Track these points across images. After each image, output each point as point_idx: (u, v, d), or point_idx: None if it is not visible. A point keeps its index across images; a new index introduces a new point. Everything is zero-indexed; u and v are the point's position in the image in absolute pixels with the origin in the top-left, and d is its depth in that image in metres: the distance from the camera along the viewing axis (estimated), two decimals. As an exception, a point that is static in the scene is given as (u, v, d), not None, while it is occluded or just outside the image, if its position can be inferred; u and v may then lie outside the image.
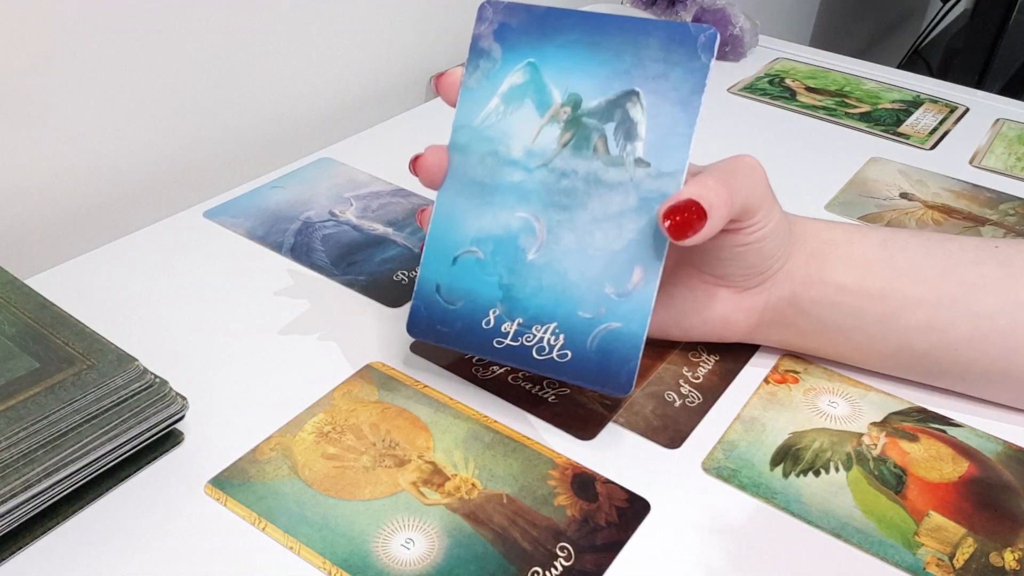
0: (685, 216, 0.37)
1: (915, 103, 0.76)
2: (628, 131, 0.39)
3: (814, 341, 0.44)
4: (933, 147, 0.69)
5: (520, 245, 0.40)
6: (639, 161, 0.39)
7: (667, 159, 0.38)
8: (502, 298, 0.40)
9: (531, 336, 0.40)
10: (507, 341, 0.40)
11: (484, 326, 0.41)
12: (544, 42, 0.40)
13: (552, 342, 0.39)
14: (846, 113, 0.73)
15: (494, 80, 0.41)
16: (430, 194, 0.59)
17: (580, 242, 0.39)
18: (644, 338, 0.38)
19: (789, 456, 0.41)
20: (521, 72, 0.41)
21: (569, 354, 0.39)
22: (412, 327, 0.42)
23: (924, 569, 0.36)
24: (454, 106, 0.42)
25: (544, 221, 0.40)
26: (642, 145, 0.39)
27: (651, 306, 0.38)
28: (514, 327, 0.40)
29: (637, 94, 0.39)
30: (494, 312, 0.40)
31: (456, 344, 0.41)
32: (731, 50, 0.85)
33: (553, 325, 0.40)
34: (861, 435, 0.42)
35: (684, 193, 0.37)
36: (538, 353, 0.40)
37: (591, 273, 0.39)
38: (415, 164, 0.42)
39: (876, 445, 0.42)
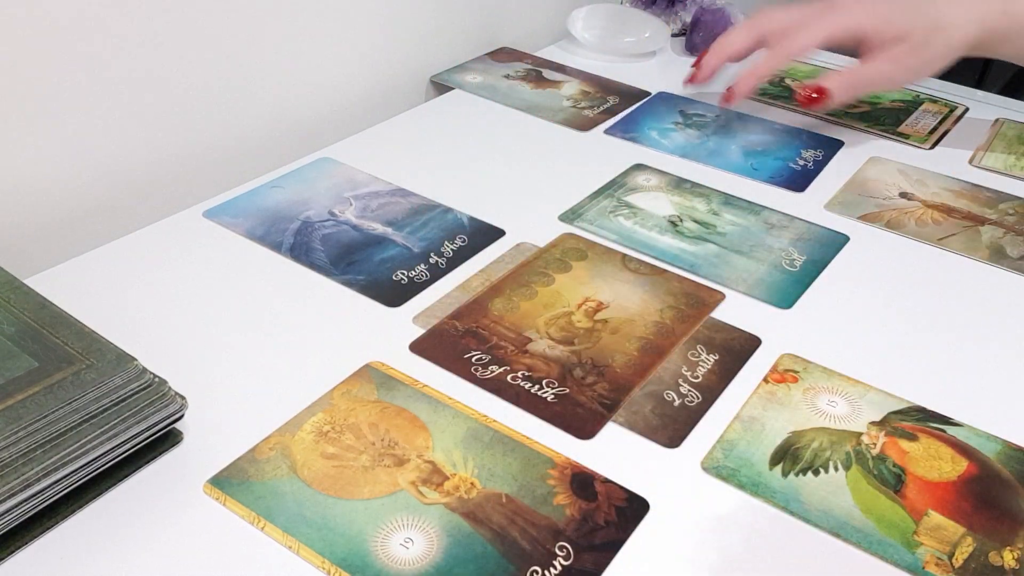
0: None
1: (915, 103, 0.76)
2: None
3: None
4: (933, 147, 0.69)
5: None
6: None
7: None
8: None
9: None
10: None
11: None
12: None
13: None
14: (846, 113, 0.73)
15: None
16: (430, 194, 0.59)
17: None
18: None
19: (788, 455, 0.41)
20: None
21: None
22: None
23: (923, 568, 0.36)
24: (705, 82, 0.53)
25: None
26: None
27: None
28: None
29: None
30: None
31: None
32: (731, 50, 0.85)
33: None
34: (860, 434, 0.42)
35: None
36: None
37: None
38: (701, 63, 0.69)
39: (875, 444, 0.42)
